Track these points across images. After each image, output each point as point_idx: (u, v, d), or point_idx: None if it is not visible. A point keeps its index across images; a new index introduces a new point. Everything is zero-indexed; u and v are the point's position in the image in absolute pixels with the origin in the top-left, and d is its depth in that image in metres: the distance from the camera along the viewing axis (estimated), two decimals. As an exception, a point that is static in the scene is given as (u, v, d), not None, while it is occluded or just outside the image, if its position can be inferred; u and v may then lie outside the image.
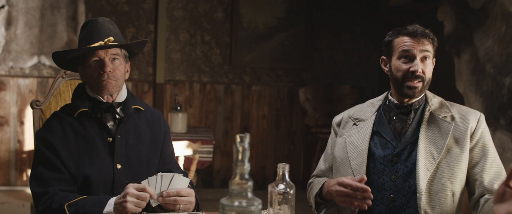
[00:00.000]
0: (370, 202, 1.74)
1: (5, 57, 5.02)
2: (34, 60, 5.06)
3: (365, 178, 1.77)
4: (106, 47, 1.90)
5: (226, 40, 5.38)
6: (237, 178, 1.06)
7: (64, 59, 1.98)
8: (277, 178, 1.41)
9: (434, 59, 1.98)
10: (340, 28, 5.56)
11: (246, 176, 1.06)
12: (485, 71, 3.65)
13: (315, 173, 2.21)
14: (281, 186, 1.39)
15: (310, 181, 2.16)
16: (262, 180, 5.47)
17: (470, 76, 3.85)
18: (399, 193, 1.91)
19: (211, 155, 4.14)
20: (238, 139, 1.08)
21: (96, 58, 1.91)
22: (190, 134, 4.40)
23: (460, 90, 3.96)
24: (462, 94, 3.93)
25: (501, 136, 3.43)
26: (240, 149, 1.07)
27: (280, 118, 5.51)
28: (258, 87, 5.46)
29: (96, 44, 1.89)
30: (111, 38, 1.91)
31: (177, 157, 3.76)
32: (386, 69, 2.02)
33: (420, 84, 1.92)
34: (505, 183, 1.39)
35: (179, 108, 4.52)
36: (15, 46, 5.03)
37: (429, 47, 1.92)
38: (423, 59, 1.92)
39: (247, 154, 1.07)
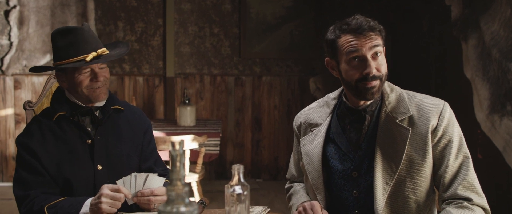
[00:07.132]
0: None
1: (19, 56, 5.14)
2: (47, 58, 5.16)
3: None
4: (105, 60, 1.90)
5: (234, 31, 5.38)
6: (174, 184, 1.08)
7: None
8: (232, 179, 1.41)
9: (384, 48, 1.75)
10: (349, 16, 5.46)
11: (183, 182, 1.07)
12: (491, 56, 3.56)
13: (288, 176, 2.09)
14: (237, 187, 1.41)
15: (287, 186, 2.07)
16: (275, 171, 5.48)
17: (477, 62, 3.76)
18: (363, 208, 1.75)
19: (218, 148, 4.16)
20: (176, 146, 1.09)
21: (89, 69, 1.91)
22: (198, 127, 4.43)
23: (467, 75, 3.87)
24: (469, 79, 3.84)
25: (507, 123, 3.35)
26: (177, 157, 1.08)
27: (291, 108, 5.49)
28: (269, 78, 5.45)
29: (90, 55, 1.87)
30: (105, 49, 1.92)
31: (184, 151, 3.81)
32: (335, 72, 1.79)
33: (377, 83, 1.70)
34: None
35: (187, 101, 4.54)
36: (28, 45, 5.14)
37: (378, 40, 1.70)
38: (375, 55, 1.70)
39: (183, 160, 1.08)
